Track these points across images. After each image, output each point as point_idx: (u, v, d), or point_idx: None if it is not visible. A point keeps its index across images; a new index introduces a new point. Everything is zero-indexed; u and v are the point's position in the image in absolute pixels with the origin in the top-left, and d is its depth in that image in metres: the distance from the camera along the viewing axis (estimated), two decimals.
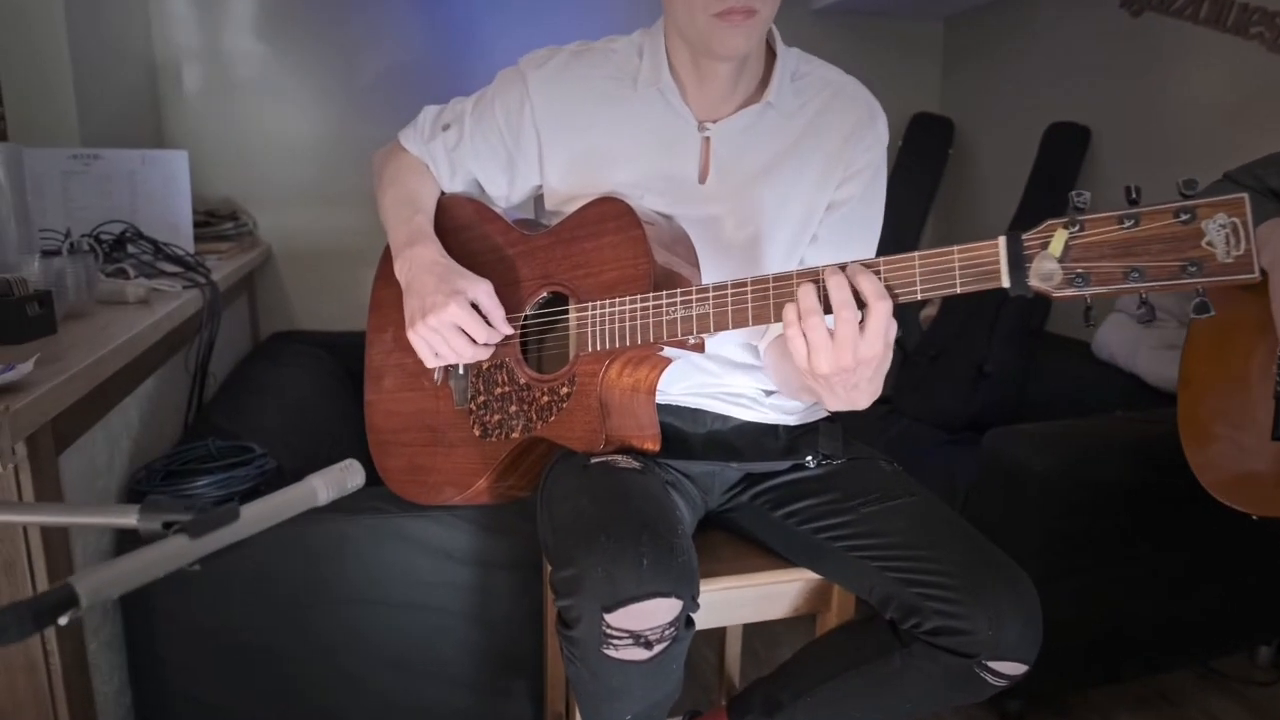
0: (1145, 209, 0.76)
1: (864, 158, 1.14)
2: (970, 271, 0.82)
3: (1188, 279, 0.74)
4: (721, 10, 1.01)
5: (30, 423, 0.93)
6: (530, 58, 1.20)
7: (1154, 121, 2.32)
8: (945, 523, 1.06)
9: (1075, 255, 0.78)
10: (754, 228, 1.13)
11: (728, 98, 1.14)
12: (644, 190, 1.12)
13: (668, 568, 0.90)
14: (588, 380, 1.04)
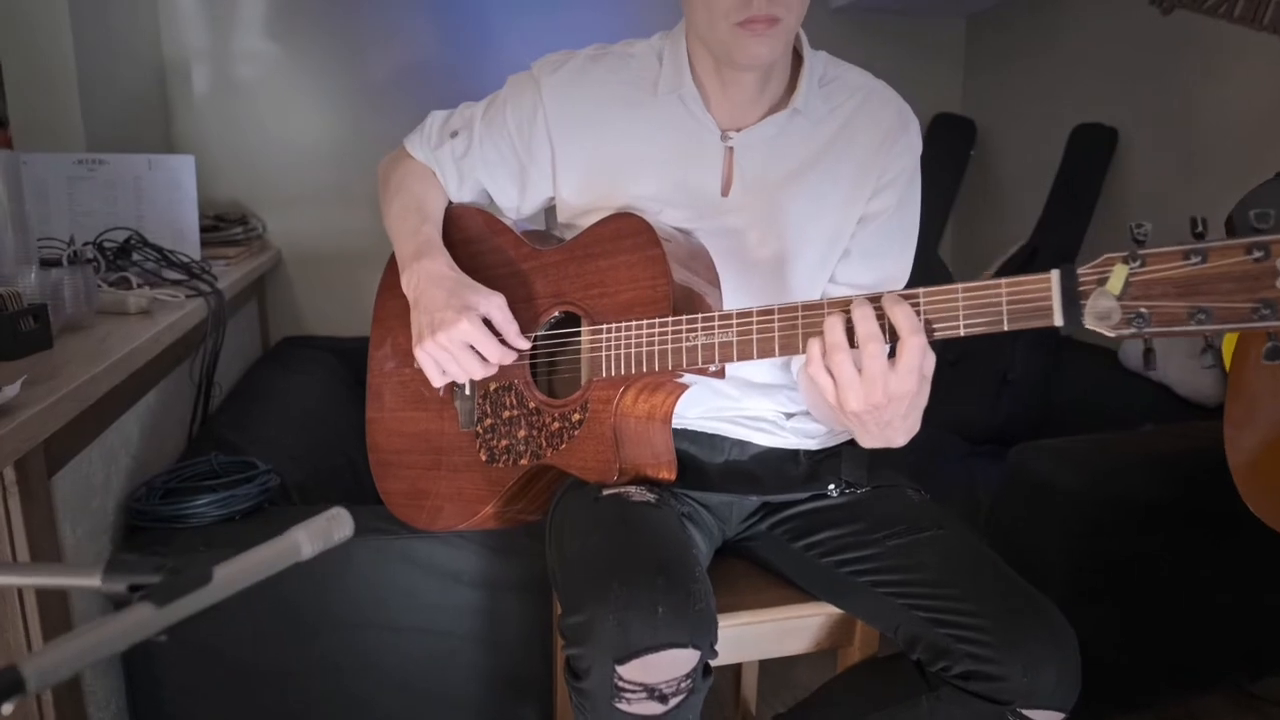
0: (1214, 244, 0.69)
1: (897, 164, 1.08)
2: (1020, 308, 0.76)
3: (1259, 322, 0.67)
4: (744, 19, 0.96)
5: (16, 448, 0.89)
6: (544, 62, 1.14)
7: (1185, 124, 2.24)
8: (978, 558, 0.99)
9: (1135, 293, 0.72)
10: (780, 243, 1.07)
11: (753, 105, 1.08)
12: (663, 204, 1.07)
13: (684, 616, 0.85)
14: (601, 407, 0.98)
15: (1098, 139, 2.47)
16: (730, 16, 0.97)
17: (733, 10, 0.96)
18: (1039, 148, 2.67)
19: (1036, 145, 2.70)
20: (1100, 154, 2.47)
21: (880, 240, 1.09)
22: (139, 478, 1.38)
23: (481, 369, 1.04)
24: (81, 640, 0.41)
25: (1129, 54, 2.40)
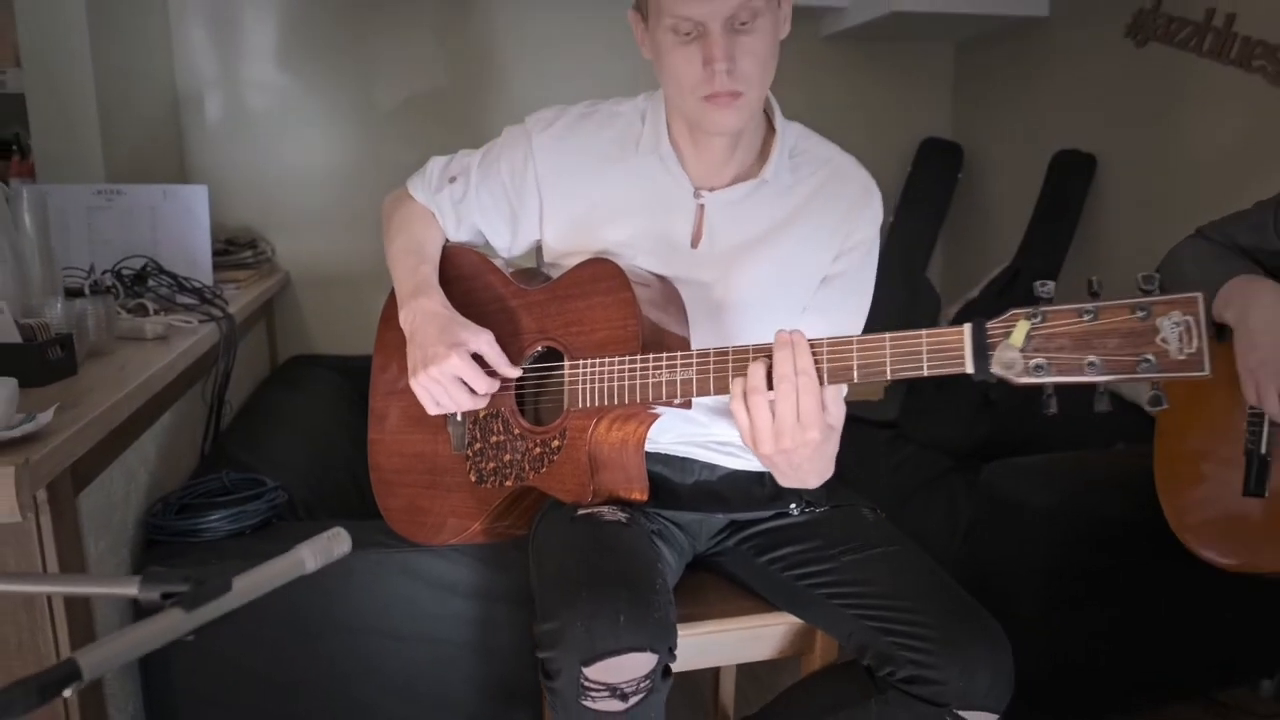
0: (1105, 304, 0.79)
1: (859, 234, 1.18)
2: (937, 356, 0.85)
3: (1143, 374, 0.76)
4: (708, 94, 1.06)
5: (50, 471, 0.98)
6: (537, 117, 1.24)
7: (1159, 152, 2.33)
8: (923, 573, 1.08)
9: (1036, 345, 0.81)
10: (743, 295, 1.17)
11: (723, 168, 1.18)
12: (636, 250, 1.16)
13: (644, 624, 0.94)
14: (577, 435, 1.07)
15: (1077, 165, 2.56)
16: (696, 91, 1.06)
17: (698, 85, 1.06)
18: (1023, 173, 2.76)
19: (1020, 170, 2.78)
20: (1080, 180, 2.55)
21: (837, 298, 1.19)
22: (155, 494, 1.47)
23: (471, 400, 1.14)
24: (124, 639, 0.50)
25: (1107, 84, 2.49)
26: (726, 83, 1.04)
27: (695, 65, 1.04)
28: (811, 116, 3.05)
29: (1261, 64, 2.03)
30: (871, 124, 3.08)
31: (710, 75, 1.04)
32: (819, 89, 3.03)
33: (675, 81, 1.08)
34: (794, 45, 3.06)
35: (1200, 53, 2.18)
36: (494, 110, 2.73)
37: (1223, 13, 2.12)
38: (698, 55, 1.04)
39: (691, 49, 1.04)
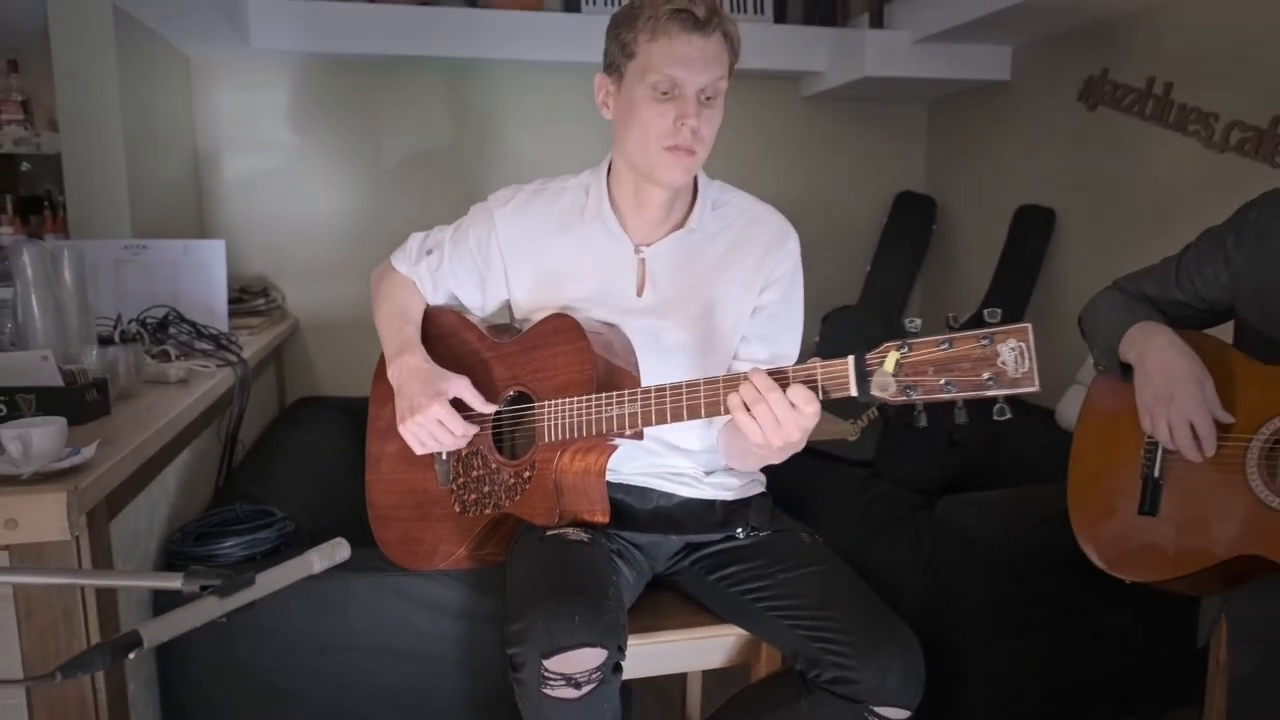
0: (957, 334, 0.95)
1: (780, 269, 1.37)
2: (830, 382, 1.02)
3: (987, 390, 0.92)
4: (671, 145, 1.25)
5: (92, 498, 1.13)
6: (496, 196, 1.44)
7: (1111, 206, 2.50)
8: (848, 588, 1.24)
9: (906, 371, 0.97)
10: (686, 333, 1.34)
11: (660, 225, 1.37)
12: (592, 303, 1.34)
13: (595, 624, 1.10)
14: (545, 466, 1.23)
15: (1038, 218, 2.73)
16: (662, 140, 1.25)
17: (665, 136, 1.25)
18: (990, 224, 2.93)
19: (988, 222, 2.96)
20: (1040, 231, 2.72)
21: (771, 326, 1.37)
22: (175, 523, 1.62)
23: (452, 441, 1.31)
24: (173, 618, 0.64)
25: (1063, 144, 2.67)
26: (689, 139, 1.24)
27: (667, 120, 1.24)
28: (794, 171, 3.29)
29: (1196, 128, 2.20)
30: (850, 178, 3.27)
31: (678, 129, 1.24)
32: (801, 146, 3.22)
33: (644, 131, 1.26)
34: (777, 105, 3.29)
35: (1143, 117, 2.36)
36: (491, 169, 2.93)
37: (1161, 81, 2.30)
38: (671, 111, 1.24)
39: (665, 106, 1.24)
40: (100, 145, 2.15)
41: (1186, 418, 1.31)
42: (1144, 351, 1.38)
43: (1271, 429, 1.29)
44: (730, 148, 3.13)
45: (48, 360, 1.37)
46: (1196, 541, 1.33)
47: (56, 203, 2.72)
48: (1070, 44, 2.59)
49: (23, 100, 2.68)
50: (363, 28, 2.58)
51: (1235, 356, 1.37)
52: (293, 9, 2.55)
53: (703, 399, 1.10)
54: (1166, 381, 1.34)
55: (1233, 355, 1.38)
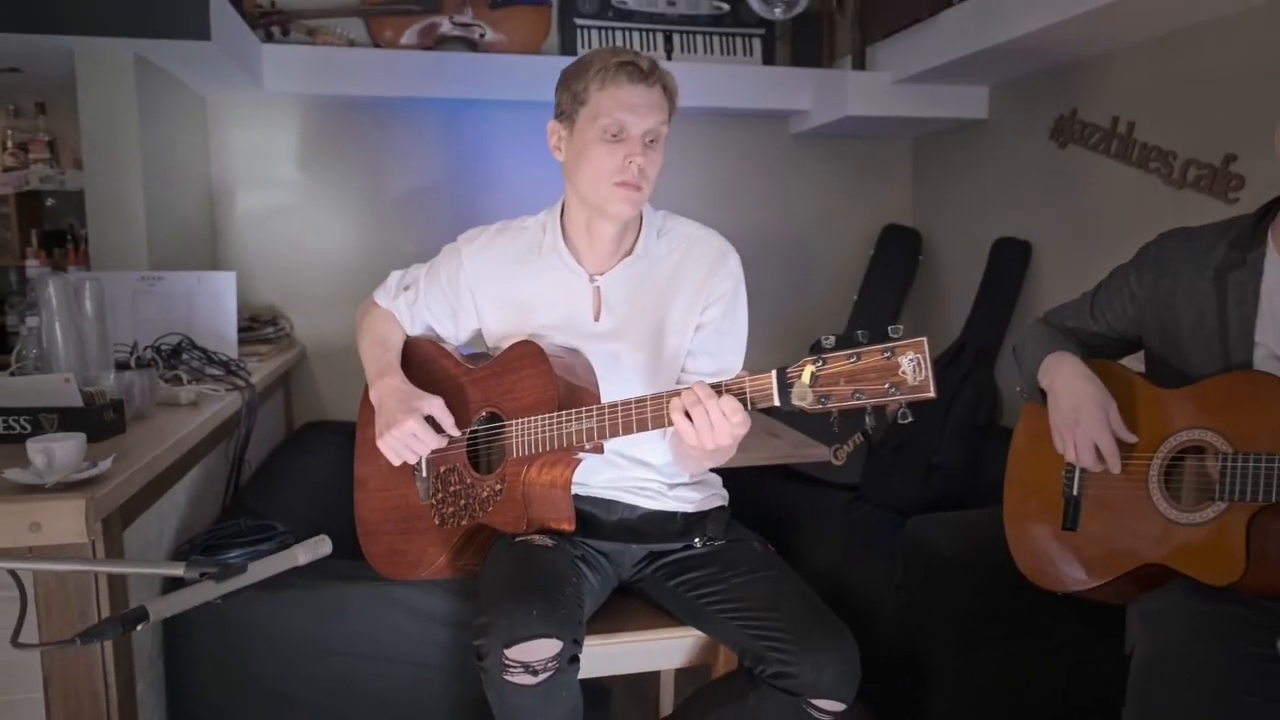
0: (864, 349, 1.06)
1: (721, 287, 1.49)
2: (757, 394, 1.14)
3: (890, 396, 1.03)
4: (620, 180, 1.39)
5: (106, 507, 1.25)
6: (464, 236, 1.59)
7: (1082, 238, 2.60)
8: (792, 591, 1.35)
9: (821, 382, 1.08)
10: (641, 353, 1.47)
11: (611, 255, 1.50)
12: (553, 329, 1.47)
13: (551, 617, 1.22)
14: (513, 479, 1.35)
15: (1015, 250, 2.83)
16: (612, 177, 1.40)
17: (614, 173, 1.40)
18: (971, 256, 3.04)
19: (969, 253, 3.06)
20: (1017, 263, 2.83)
21: (715, 341, 1.50)
22: (184, 535, 1.73)
23: (424, 452, 1.44)
24: (174, 598, 0.75)
25: (1037, 179, 2.78)
26: (635, 175, 1.39)
27: (616, 159, 1.39)
28: (785, 205, 3.43)
29: (1156, 165, 2.31)
30: (838, 211, 3.39)
31: (626, 167, 1.39)
32: (791, 181, 3.35)
33: (595, 170, 1.40)
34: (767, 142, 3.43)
35: (1109, 154, 2.47)
36: (489, 204, 3.06)
37: (1125, 121, 2.41)
38: (620, 151, 1.39)
39: (615, 147, 1.40)
40: (121, 182, 2.29)
41: (1091, 438, 1.42)
42: (1054, 379, 1.49)
43: (1169, 447, 1.40)
44: (722, 183, 3.30)
45: (69, 383, 1.50)
46: (1111, 553, 1.43)
47: (78, 236, 2.87)
48: (1042, 85, 2.72)
49: (49, 140, 2.85)
50: (368, 72, 2.73)
51: (1139, 382, 1.49)
52: (303, 55, 2.70)
53: (650, 412, 1.22)
54: (1074, 405, 1.45)
55: (1137, 381, 1.49)
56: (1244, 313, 1.35)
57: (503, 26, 2.95)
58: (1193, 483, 1.39)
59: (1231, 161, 2.10)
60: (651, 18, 3.07)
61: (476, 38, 2.93)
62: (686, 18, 3.10)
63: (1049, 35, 2.28)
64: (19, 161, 2.84)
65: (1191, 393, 1.40)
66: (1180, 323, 1.44)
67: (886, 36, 2.83)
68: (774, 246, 3.35)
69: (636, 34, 3.06)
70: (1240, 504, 1.28)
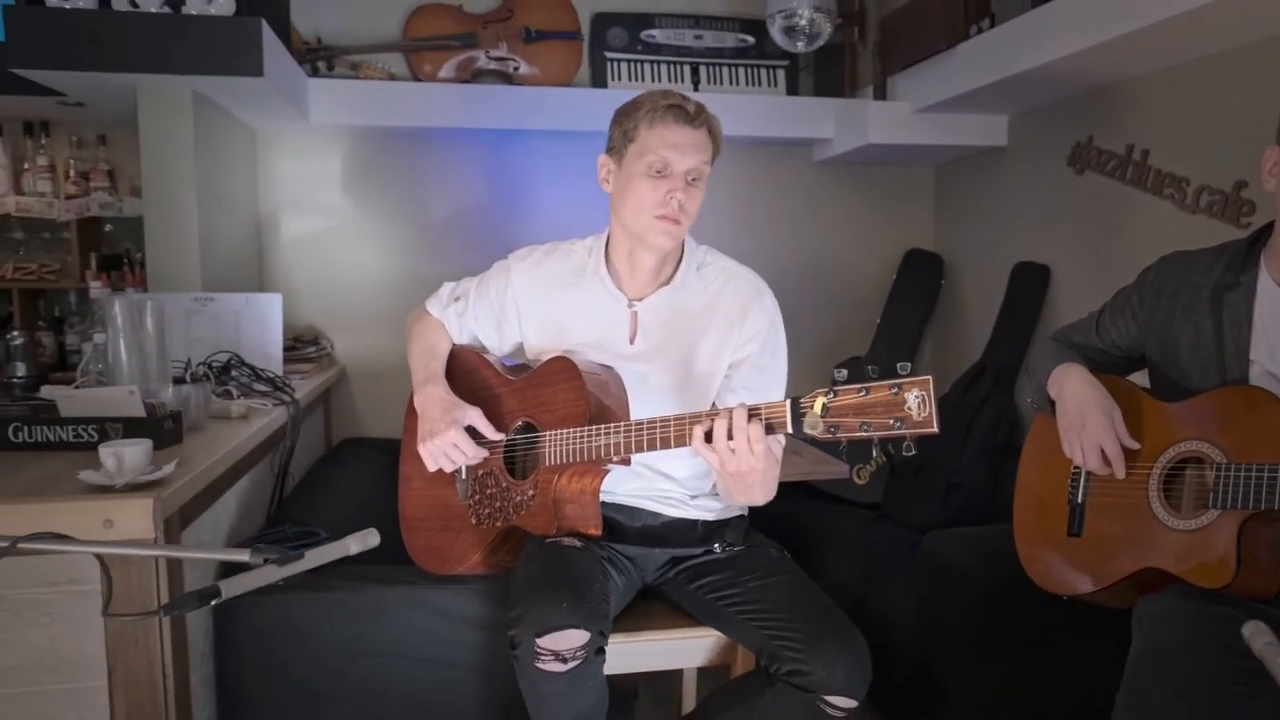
0: (873, 384, 1.14)
1: (755, 325, 1.58)
2: (773, 419, 1.22)
3: (895, 430, 1.11)
4: (661, 214, 1.48)
5: (170, 507, 1.36)
6: (516, 254, 1.70)
7: (1100, 262, 2.66)
8: (806, 594, 1.42)
9: (832, 413, 1.16)
10: (670, 376, 1.56)
11: (650, 283, 1.60)
12: (590, 348, 1.57)
13: (579, 609, 1.31)
14: (546, 485, 1.44)
15: (1034, 275, 2.89)
16: (654, 210, 1.50)
17: (656, 206, 1.49)
18: (991, 280, 3.10)
19: (990, 278, 3.12)
20: (1036, 287, 2.88)
21: (757, 377, 1.57)
22: (234, 539, 1.84)
23: (465, 461, 1.54)
24: (242, 579, 0.85)
25: (1056, 205, 2.84)
26: (676, 210, 1.49)
27: (659, 193, 1.50)
28: (808, 230, 3.52)
29: (1170, 192, 2.37)
30: (861, 236, 3.47)
31: (667, 201, 1.48)
32: (814, 207, 3.44)
33: (639, 202, 1.50)
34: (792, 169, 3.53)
35: (1124, 181, 2.53)
36: (522, 229, 3.18)
37: (1140, 148, 2.48)
38: (662, 187, 1.50)
39: (658, 182, 1.50)
40: (177, 209, 2.43)
41: (1096, 442, 1.49)
42: (1062, 387, 1.57)
43: (1168, 457, 1.46)
44: (748, 209, 3.39)
45: (133, 395, 1.62)
46: (1112, 558, 1.49)
47: (134, 259, 3.03)
48: (1060, 113, 2.78)
49: (109, 170, 3.01)
50: (408, 104, 2.87)
51: (1143, 396, 1.55)
52: (346, 88, 2.85)
53: (673, 431, 1.31)
54: (1080, 411, 1.51)
55: (1140, 395, 1.56)
56: (1239, 331, 1.42)
57: (536, 60, 3.08)
58: (1191, 491, 1.45)
59: (1243, 188, 2.16)
60: (679, 51, 3.19)
61: (511, 71, 3.07)
62: (713, 50, 3.21)
63: (1065, 66, 2.36)
64: (81, 190, 3.00)
65: (1191, 406, 1.46)
66: (1179, 341, 1.51)
67: (906, 68, 2.92)
68: (798, 271, 3.43)
69: (665, 67, 3.17)
70: (1232, 511, 1.34)
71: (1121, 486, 1.51)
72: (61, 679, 1.41)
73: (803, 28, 2.83)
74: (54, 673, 1.40)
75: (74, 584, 1.38)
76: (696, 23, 3.21)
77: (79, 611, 1.39)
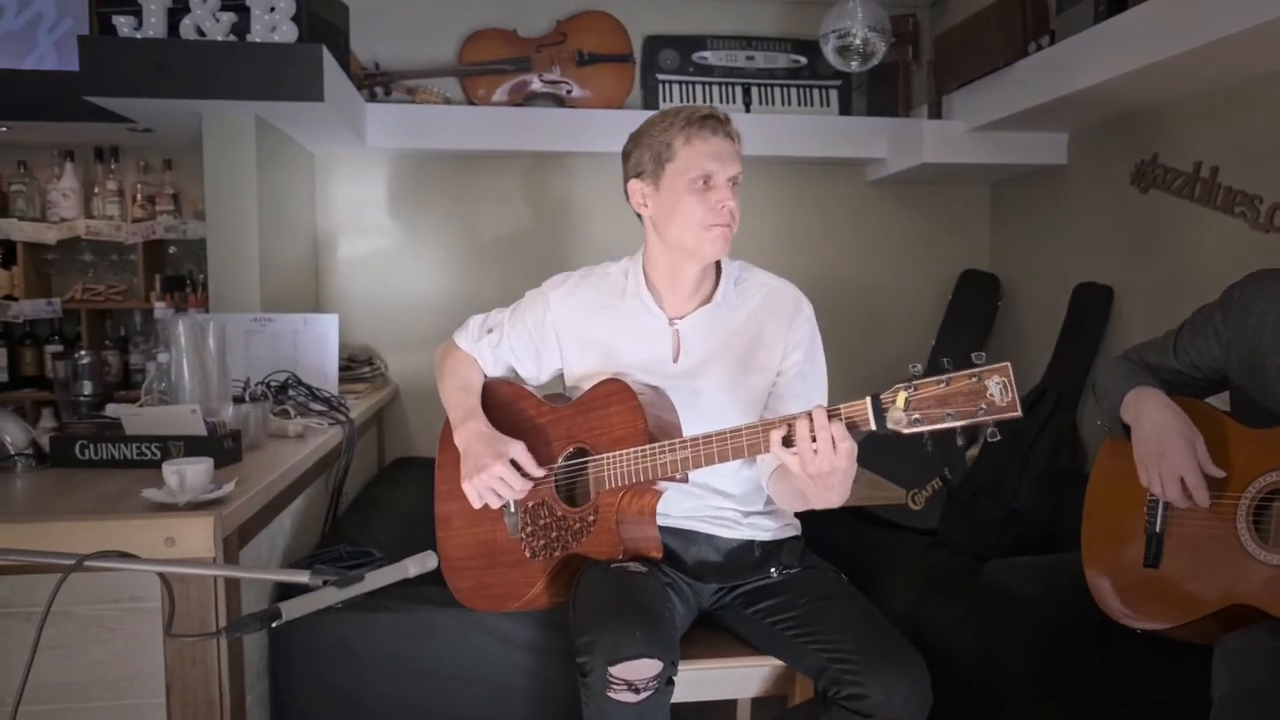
0: (952, 374, 1.13)
1: (798, 334, 1.58)
2: (854, 419, 1.22)
3: (981, 416, 1.11)
4: (714, 223, 1.50)
5: (229, 526, 1.37)
6: (550, 281, 1.70)
7: (1167, 283, 2.58)
8: (865, 617, 1.40)
9: (914, 406, 1.16)
10: (717, 391, 1.55)
11: (690, 299, 1.60)
12: (634, 369, 1.56)
13: (653, 638, 1.30)
14: (607, 510, 1.43)
15: (1097, 296, 2.81)
16: (705, 221, 1.51)
17: (706, 217, 1.50)
18: (1051, 301, 3.02)
19: (1049, 299, 3.05)
20: (1099, 309, 2.80)
21: (801, 384, 1.57)
22: (289, 559, 1.86)
23: (511, 496, 1.53)
24: (302, 600, 0.85)
25: (1119, 224, 2.77)
26: (728, 216, 1.51)
27: (708, 204, 1.51)
28: (861, 251, 3.49)
29: (1242, 210, 2.29)
30: (914, 257, 3.42)
31: (719, 210, 1.49)
32: (866, 227, 3.40)
33: (688, 218, 1.51)
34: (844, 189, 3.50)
35: (1193, 199, 2.46)
36: (571, 250, 3.20)
37: (1208, 165, 2.40)
38: (711, 198, 1.50)
39: (705, 195, 1.51)
40: (238, 231, 2.49)
41: (1176, 472, 1.42)
42: (1139, 412, 1.50)
43: (1258, 487, 1.39)
44: (799, 229, 3.37)
45: (195, 414, 1.64)
46: (1195, 591, 1.42)
47: (196, 281, 3.10)
48: (1121, 131, 2.72)
49: (174, 194, 3.10)
50: (463, 128, 2.91)
51: (1227, 421, 1.48)
52: (402, 113, 2.90)
53: (745, 441, 1.31)
54: (1158, 438, 1.45)
55: (1224, 420, 1.49)
56: None
57: (589, 83, 3.10)
58: None
59: None
60: (730, 72, 3.19)
61: (564, 94, 3.09)
62: (765, 71, 3.20)
63: (1129, 82, 2.30)
64: (147, 213, 3.09)
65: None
66: (1267, 362, 1.44)
67: (961, 86, 2.88)
68: (851, 292, 3.39)
69: (716, 88, 3.17)
70: None
71: (1205, 516, 1.44)
72: (120, 695, 1.42)
73: (856, 47, 2.81)
74: (113, 688, 1.42)
75: (136, 601, 1.40)
76: (748, 44, 3.20)
77: (140, 629, 1.41)
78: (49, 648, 1.39)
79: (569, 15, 3.13)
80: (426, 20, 3.09)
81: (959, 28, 2.88)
